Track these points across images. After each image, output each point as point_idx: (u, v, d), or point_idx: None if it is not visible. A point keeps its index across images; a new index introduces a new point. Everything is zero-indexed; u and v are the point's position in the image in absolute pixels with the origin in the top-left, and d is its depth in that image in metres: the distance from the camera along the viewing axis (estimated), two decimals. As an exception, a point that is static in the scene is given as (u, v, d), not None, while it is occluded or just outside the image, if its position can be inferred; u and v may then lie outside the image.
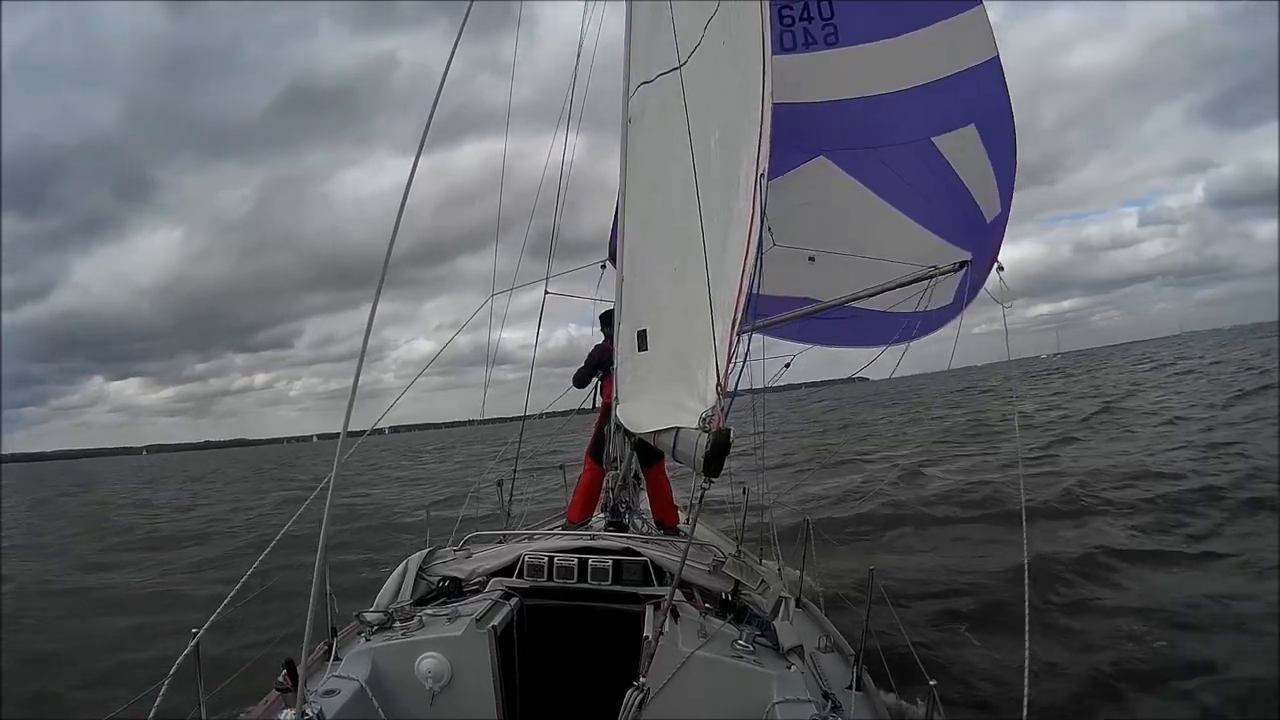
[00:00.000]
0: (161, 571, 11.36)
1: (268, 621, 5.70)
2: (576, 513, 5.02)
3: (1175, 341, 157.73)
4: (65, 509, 24.36)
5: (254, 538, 13.11)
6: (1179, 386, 29.76)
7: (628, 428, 3.91)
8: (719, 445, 2.17)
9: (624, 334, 4.15)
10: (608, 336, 5.01)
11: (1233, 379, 28.44)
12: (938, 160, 4.96)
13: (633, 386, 3.85)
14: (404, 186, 2.46)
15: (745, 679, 2.66)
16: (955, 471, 14.14)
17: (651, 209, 3.87)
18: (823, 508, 11.39)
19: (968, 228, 5.05)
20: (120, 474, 63.49)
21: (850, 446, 21.02)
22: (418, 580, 3.61)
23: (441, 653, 2.79)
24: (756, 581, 3.60)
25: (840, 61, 4.92)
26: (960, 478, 13.26)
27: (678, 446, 2.74)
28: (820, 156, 5.18)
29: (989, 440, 18.69)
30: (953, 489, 12.08)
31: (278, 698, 2.65)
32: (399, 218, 2.36)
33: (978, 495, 11.23)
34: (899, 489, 12.74)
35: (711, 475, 2.21)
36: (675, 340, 3.36)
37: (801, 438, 25.26)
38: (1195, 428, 16.58)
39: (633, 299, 3.99)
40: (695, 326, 2.90)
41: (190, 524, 17.60)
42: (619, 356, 4.20)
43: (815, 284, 5.40)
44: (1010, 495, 10.47)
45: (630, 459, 4.79)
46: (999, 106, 4.88)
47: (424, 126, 2.47)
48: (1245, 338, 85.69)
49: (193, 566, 11.47)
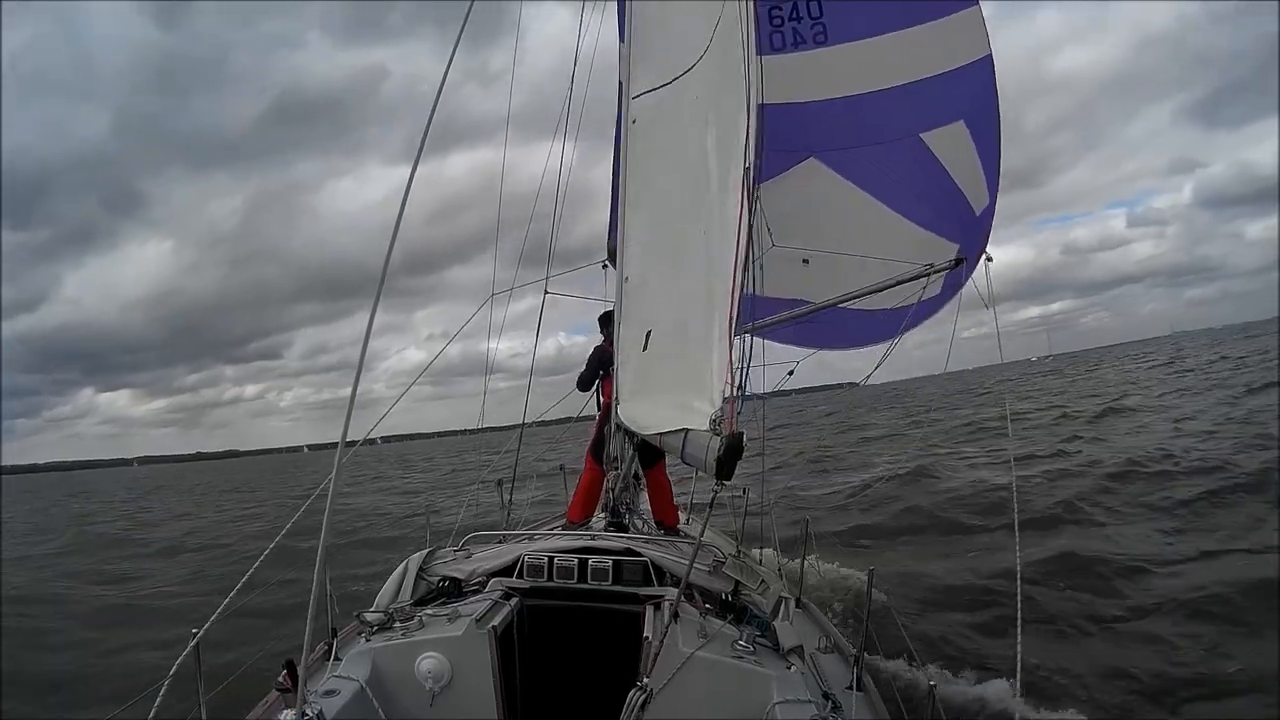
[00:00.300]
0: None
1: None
2: (577, 513, 5.02)
3: (1169, 341, 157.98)
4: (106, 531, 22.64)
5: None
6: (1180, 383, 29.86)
7: (630, 428, 3.91)
8: (732, 448, 2.17)
9: (626, 334, 4.15)
10: (607, 338, 5.01)
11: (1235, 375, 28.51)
12: (927, 156, 5.01)
13: (635, 386, 3.85)
14: (397, 197, 2.45)
15: (745, 679, 2.66)
16: (970, 468, 14.18)
17: (652, 209, 3.88)
18: (829, 512, 11.40)
19: (958, 221, 5.10)
20: (118, 485, 62.82)
21: (860, 451, 20.95)
22: (418, 580, 3.60)
23: (442, 653, 2.79)
24: (756, 582, 3.60)
25: (830, 60, 4.97)
26: (971, 475, 13.29)
27: (687, 449, 2.74)
28: (811, 158, 5.23)
29: (989, 440, 18.81)
30: (966, 491, 12.08)
31: (278, 698, 2.65)
32: (396, 229, 2.35)
33: (991, 499, 11.16)
34: (906, 489, 12.75)
35: (724, 478, 2.22)
36: (678, 341, 3.36)
37: (802, 440, 25.23)
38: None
39: (634, 299, 4.00)
40: (696, 327, 2.91)
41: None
42: (620, 357, 4.20)
43: (810, 286, 5.44)
44: (1024, 498, 10.48)
45: (631, 459, 4.79)
46: (988, 103, 4.94)
47: (421, 134, 2.47)
48: (1235, 336, 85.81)
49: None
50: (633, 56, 3.95)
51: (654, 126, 3.77)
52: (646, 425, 3.43)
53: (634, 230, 3.98)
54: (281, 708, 2.43)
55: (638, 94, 3.87)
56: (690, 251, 3.28)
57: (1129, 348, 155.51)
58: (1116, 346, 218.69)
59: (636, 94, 3.88)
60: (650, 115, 3.79)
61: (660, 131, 3.75)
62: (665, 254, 3.73)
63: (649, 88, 3.79)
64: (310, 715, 2.34)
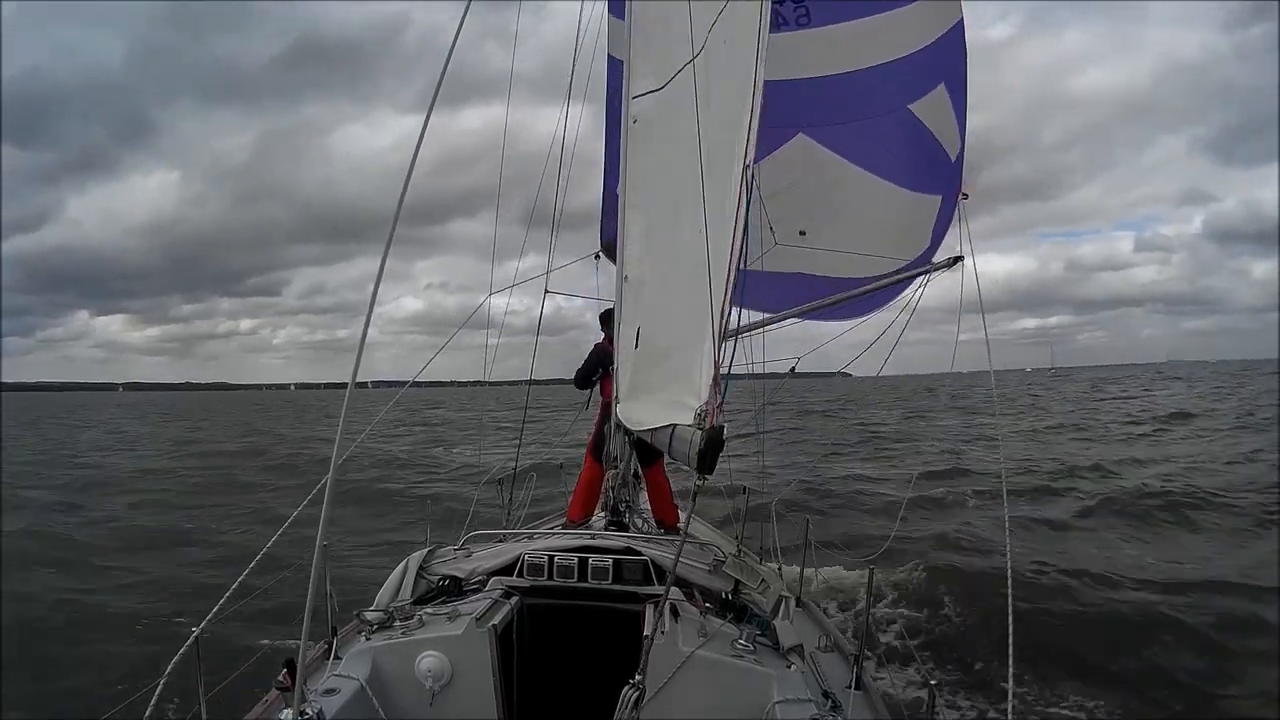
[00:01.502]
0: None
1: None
2: (577, 511, 5.01)
3: (1168, 368, 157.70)
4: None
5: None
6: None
7: (627, 426, 3.91)
8: (712, 441, 2.17)
9: (625, 333, 4.14)
10: (607, 335, 4.99)
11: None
12: (916, 126, 5.12)
13: (633, 384, 3.85)
14: (406, 144, 2.44)
15: (745, 678, 2.66)
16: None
17: (651, 209, 3.87)
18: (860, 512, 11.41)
19: (937, 172, 5.21)
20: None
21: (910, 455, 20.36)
22: (418, 579, 3.60)
23: (442, 652, 2.79)
24: (757, 581, 3.60)
25: (813, 41, 5.03)
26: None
27: (673, 444, 2.74)
28: (799, 134, 5.30)
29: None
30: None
31: (278, 697, 2.65)
32: (406, 184, 2.30)
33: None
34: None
35: (705, 472, 2.21)
36: (673, 337, 3.36)
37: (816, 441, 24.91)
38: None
39: (633, 297, 3.99)
40: (691, 324, 2.90)
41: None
42: (620, 355, 4.19)
43: (806, 259, 5.48)
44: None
45: (630, 458, 4.78)
46: (962, 60, 5.10)
47: (434, 89, 2.41)
48: (1236, 373, 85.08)
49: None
50: (633, 56, 3.93)
51: (655, 122, 3.76)
52: (642, 423, 3.43)
53: (634, 229, 3.97)
54: (281, 706, 2.43)
55: (638, 94, 3.86)
56: (688, 249, 3.27)
57: (1124, 369, 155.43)
58: (1115, 367, 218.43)
59: (636, 94, 3.86)
60: (652, 110, 3.77)
61: (661, 127, 3.73)
62: (664, 252, 3.71)
63: (649, 89, 3.77)
64: (310, 714, 2.34)
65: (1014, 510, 10.15)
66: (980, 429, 22.77)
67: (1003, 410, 30.81)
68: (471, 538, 4.00)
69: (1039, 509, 11.20)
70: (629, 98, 3.94)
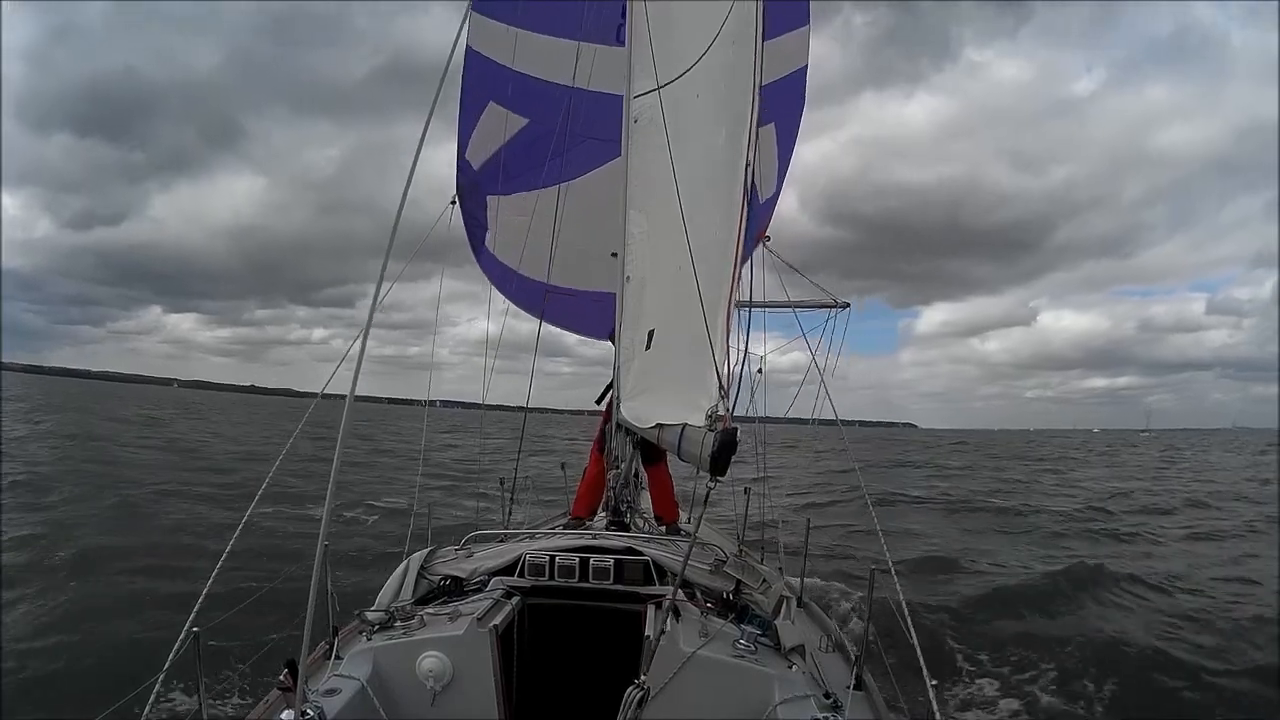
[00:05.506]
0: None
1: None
2: (581, 507, 5.00)
3: (1232, 435, 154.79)
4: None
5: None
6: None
7: (632, 425, 3.91)
8: (725, 444, 2.16)
9: (627, 334, 4.14)
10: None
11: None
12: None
13: (639, 385, 3.85)
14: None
15: (746, 679, 2.65)
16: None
17: (655, 208, 3.87)
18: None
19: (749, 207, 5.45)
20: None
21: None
22: (419, 579, 3.60)
23: (443, 652, 2.79)
24: (758, 581, 3.59)
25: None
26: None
27: (683, 445, 2.73)
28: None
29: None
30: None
31: (279, 697, 2.64)
32: (406, 185, 2.33)
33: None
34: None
35: (718, 475, 2.21)
36: (681, 339, 3.36)
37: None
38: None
39: (639, 299, 3.99)
40: (698, 326, 2.91)
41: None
42: (622, 355, 4.19)
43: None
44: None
45: (633, 458, 4.78)
46: (798, 107, 5.46)
47: (435, 90, 2.44)
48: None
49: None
50: (633, 56, 3.94)
51: (660, 124, 3.77)
52: (646, 420, 3.43)
53: (635, 229, 3.98)
54: (282, 707, 2.43)
55: (639, 94, 3.86)
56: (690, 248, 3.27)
57: (1188, 435, 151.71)
58: (1181, 432, 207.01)
59: (638, 94, 3.87)
60: (656, 112, 3.78)
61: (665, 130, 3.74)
62: (670, 253, 3.71)
63: (648, 89, 3.78)
64: (311, 714, 2.34)
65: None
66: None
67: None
68: (472, 538, 3.99)
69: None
70: (630, 97, 3.94)
